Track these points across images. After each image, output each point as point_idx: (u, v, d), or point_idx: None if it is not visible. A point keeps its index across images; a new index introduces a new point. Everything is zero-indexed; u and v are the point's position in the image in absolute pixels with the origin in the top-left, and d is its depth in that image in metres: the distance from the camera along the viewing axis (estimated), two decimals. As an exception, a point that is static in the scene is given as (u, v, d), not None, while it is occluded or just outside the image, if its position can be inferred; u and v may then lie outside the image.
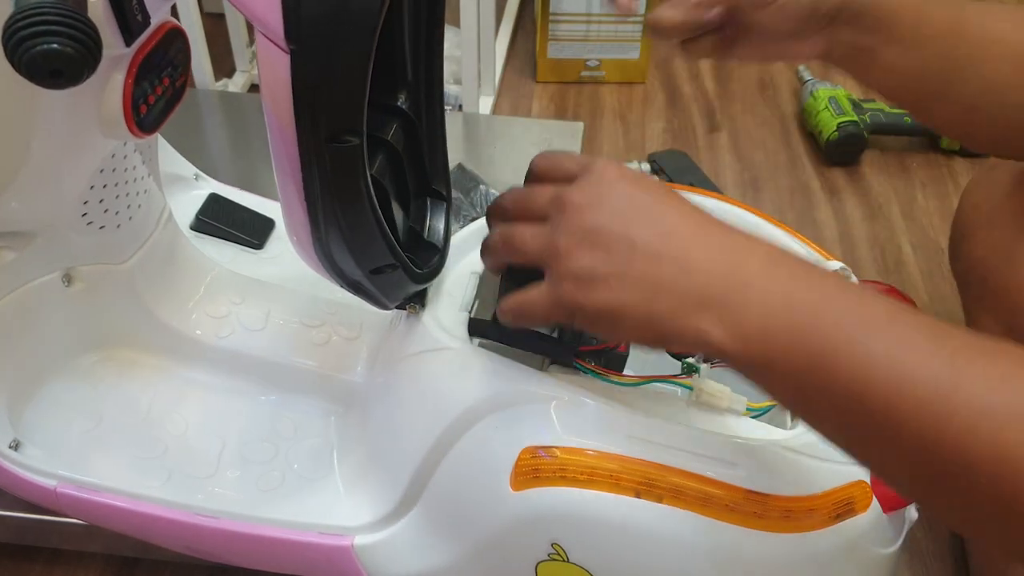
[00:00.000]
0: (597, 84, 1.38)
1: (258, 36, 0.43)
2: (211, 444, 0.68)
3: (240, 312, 0.73)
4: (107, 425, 0.68)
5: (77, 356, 0.71)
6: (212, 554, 0.66)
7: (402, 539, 0.59)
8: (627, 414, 0.51)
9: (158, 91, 0.56)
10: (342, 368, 0.70)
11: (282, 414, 0.70)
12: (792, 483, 0.50)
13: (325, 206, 0.47)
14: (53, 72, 0.39)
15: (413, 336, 0.59)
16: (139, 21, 0.49)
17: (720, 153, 1.25)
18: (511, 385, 0.53)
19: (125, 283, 0.68)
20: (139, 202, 0.67)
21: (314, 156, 0.45)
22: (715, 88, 1.38)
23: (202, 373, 0.72)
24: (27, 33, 0.38)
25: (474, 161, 1.08)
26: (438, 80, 0.58)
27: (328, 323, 0.72)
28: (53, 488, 0.63)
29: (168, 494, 0.63)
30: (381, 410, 0.63)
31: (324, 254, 0.51)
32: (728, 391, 0.53)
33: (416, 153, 0.60)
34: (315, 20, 0.41)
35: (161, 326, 0.71)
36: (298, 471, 0.66)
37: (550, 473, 0.50)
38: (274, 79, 0.43)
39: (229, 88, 1.28)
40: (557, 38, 1.33)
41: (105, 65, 0.45)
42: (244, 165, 1.09)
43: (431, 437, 0.55)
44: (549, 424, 0.51)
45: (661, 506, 0.49)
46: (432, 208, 0.62)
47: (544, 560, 0.53)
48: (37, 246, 0.63)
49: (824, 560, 0.50)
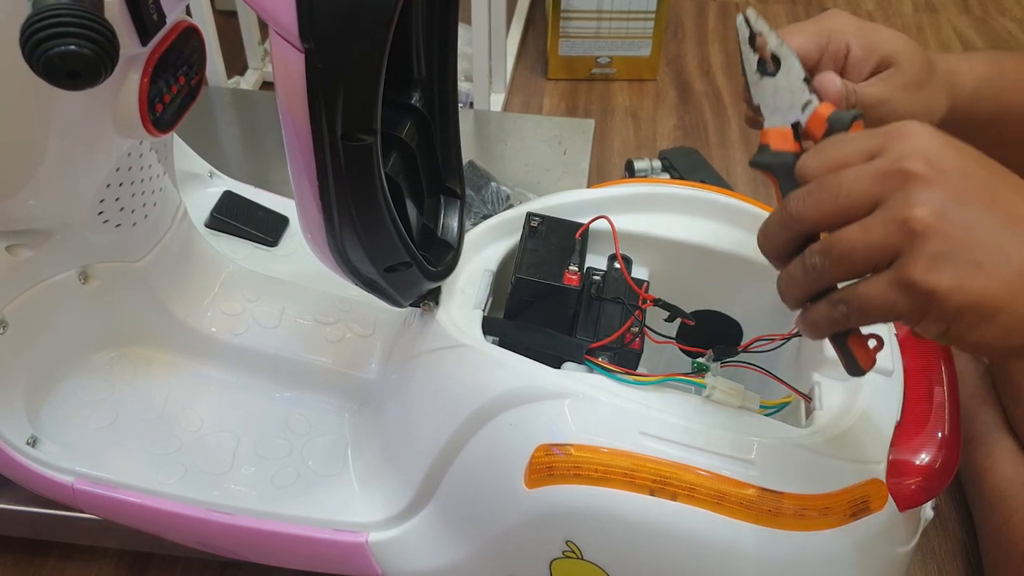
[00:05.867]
0: (608, 81, 1.38)
1: (272, 35, 0.43)
2: (226, 441, 0.68)
3: (255, 309, 0.73)
4: (123, 422, 0.68)
5: (93, 353, 0.72)
6: (226, 550, 0.67)
7: (416, 535, 0.59)
8: (641, 412, 0.51)
9: (174, 90, 0.56)
10: (356, 365, 0.70)
11: (296, 411, 0.70)
12: (807, 481, 0.49)
13: (340, 204, 0.48)
14: (70, 73, 0.40)
15: (427, 333, 0.59)
16: (155, 21, 0.50)
17: (731, 150, 1.25)
18: (525, 383, 0.53)
19: (141, 281, 0.69)
20: (155, 200, 0.67)
21: (329, 154, 0.45)
22: (727, 85, 1.37)
23: (217, 370, 0.72)
24: (45, 35, 0.38)
25: (485, 158, 1.08)
26: (452, 78, 0.58)
27: (342, 320, 0.72)
28: (70, 484, 0.64)
29: (183, 490, 0.64)
30: (395, 407, 0.63)
31: (338, 252, 0.51)
32: (742, 389, 0.53)
33: (430, 151, 0.60)
34: (329, 19, 0.41)
35: (176, 323, 0.71)
36: (312, 467, 0.66)
37: (564, 471, 0.50)
38: (289, 78, 0.43)
39: (241, 86, 1.28)
40: (568, 35, 1.33)
41: (121, 64, 0.46)
42: (256, 163, 1.09)
43: (445, 434, 0.55)
44: (563, 422, 0.51)
45: (675, 504, 0.49)
46: (446, 206, 0.62)
47: (558, 558, 0.53)
48: (53, 244, 0.63)
49: (839, 559, 0.50)
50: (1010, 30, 1.51)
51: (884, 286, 0.37)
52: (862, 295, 0.38)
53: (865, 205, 0.38)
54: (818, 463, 0.50)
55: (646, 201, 0.64)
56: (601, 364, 0.54)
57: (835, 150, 0.40)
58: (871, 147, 0.39)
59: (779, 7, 1.53)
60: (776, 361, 0.60)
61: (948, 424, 0.55)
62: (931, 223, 0.36)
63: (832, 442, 0.51)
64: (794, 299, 0.42)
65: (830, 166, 0.39)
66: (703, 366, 0.54)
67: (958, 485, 0.83)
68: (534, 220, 0.62)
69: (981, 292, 0.35)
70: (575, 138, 1.13)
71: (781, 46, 0.48)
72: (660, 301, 0.58)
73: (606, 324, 0.58)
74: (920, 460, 0.53)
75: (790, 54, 0.48)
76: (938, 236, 0.36)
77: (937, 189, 0.36)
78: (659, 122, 1.30)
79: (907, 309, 0.37)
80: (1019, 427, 0.78)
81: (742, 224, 0.63)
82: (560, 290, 0.58)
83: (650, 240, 0.63)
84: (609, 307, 0.59)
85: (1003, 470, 0.77)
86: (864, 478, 0.50)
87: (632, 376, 0.53)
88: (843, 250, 0.38)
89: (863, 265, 0.38)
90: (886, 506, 0.50)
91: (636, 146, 1.26)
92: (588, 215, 0.62)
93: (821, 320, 0.41)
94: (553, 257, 0.59)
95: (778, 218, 0.41)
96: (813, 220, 0.39)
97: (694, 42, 1.47)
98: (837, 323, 0.40)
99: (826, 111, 0.45)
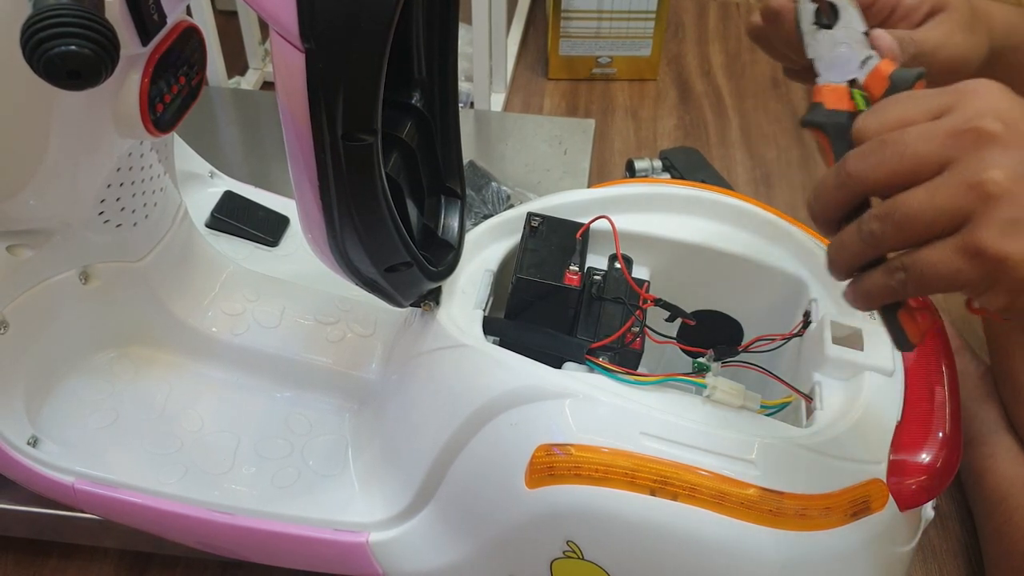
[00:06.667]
0: (609, 81, 1.38)
1: (273, 35, 0.43)
2: (226, 440, 0.68)
3: (255, 309, 0.73)
4: (124, 422, 0.68)
5: (94, 353, 0.72)
6: (227, 550, 0.67)
7: (417, 535, 0.59)
8: (642, 412, 0.51)
9: (174, 90, 0.56)
10: (357, 365, 0.70)
11: (297, 411, 0.70)
12: (808, 481, 0.49)
13: (340, 204, 0.48)
14: (71, 73, 0.40)
15: (428, 333, 0.59)
16: (155, 21, 0.50)
17: (732, 150, 1.25)
18: (525, 382, 0.53)
19: (141, 281, 0.69)
20: (155, 200, 0.67)
21: (329, 154, 0.45)
22: (727, 84, 1.37)
23: (218, 370, 0.72)
24: (45, 35, 0.38)
25: (486, 158, 1.08)
26: (452, 78, 0.58)
27: (343, 320, 0.72)
28: (71, 484, 0.64)
29: (184, 490, 0.64)
30: (396, 407, 0.63)
31: (339, 252, 0.51)
32: (742, 388, 0.53)
33: (430, 151, 0.60)
34: (330, 19, 0.41)
35: (177, 323, 0.71)
36: (313, 467, 0.66)
37: (565, 471, 0.50)
38: (289, 78, 0.43)
39: (242, 86, 1.28)
40: (569, 35, 1.33)
41: (122, 65, 0.46)
42: (257, 163, 1.09)
43: (445, 434, 0.55)
44: (564, 422, 0.51)
45: (676, 504, 0.49)
46: (447, 206, 0.62)
47: (559, 558, 0.53)
48: (54, 244, 0.63)
49: (840, 559, 0.50)
50: None
51: (950, 252, 0.35)
52: (925, 262, 0.36)
53: (933, 166, 0.35)
54: (819, 463, 0.50)
55: (647, 201, 0.64)
56: (602, 364, 0.54)
57: (900, 108, 0.38)
58: (940, 105, 0.36)
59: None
60: (777, 361, 0.60)
61: (949, 424, 0.55)
62: (1007, 186, 0.34)
63: (833, 442, 0.51)
64: (846, 268, 0.39)
65: (894, 124, 0.37)
66: (704, 366, 0.54)
67: (959, 485, 0.83)
68: (535, 220, 0.62)
69: None
70: (576, 138, 1.13)
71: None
72: (661, 301, 0.59)
73: (607, 324, 0.58)
74: (921, 460, 0.53)
75: (849, 4, 0.45)
76: (1013, 200, 0.34)
77: (1014, 150, 0.34)
78: (660, 122, 1.30)
79: (974, 278, 0.35)
80: (1020, 427, 0.78)
81: (743, 224, 0.63)
82: (561, 290, 0.58)
83: (651, 240, 0.63)
84: (610, 307, 0.59)
85: (1004, 470, 0.77)
86: (865, 478, 0.50)
87: (633, 376, 0.53)
88: (907, 214, 0.35)
89: (927, 231, 0.35)
90: (887, 506, 0.50)
91: (637, 146, 1.26)
92: (589, 215, 0.62)
93: (875, 289, 0.38)
94: (554, 257, 0.59)
95: (833, 179, 0.38)
96: (874, 180, 0.37)
97: (695, 42, 1.47)
98: (894, 293, 0.38)
99: (888, 68, 0.42)
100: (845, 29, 0.44)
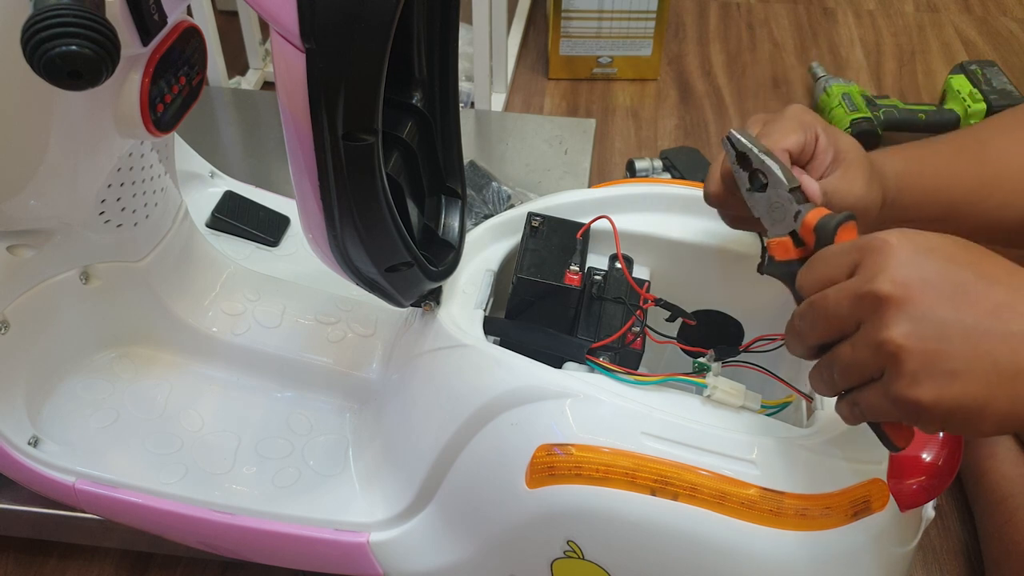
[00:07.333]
0: (609, 81, 1.38)
1: (273, 35, 0.43)
2: (227, 440, 0.68)
3: (256, 309, 0.73)
4: (124, 421, 0.69)
5: (94, 353, 0.72)
6: (228, 550, 0.67)
7: (417, 535, 0.59)
8: (642, 412, 0.51)
9: (175, 90, 0.56)
10: (357, 365, 0.70)
11: (297, 411, 0.70)
12: (808, 481, 0.49)
13: (341, 204, 0.48)
14: (71, 74, 0.40)
15: (428, 333, 0.59)
16: (156, 21, 0.50)
17: (733, 149, 1.24)
18: (526, 382, 0.53)
19: (142, 280, 0.69)
20: (156, 200, 0.67)
21: (330, 154, 0.45)
22: (728, 84, 1.37)
23: (218, 370, 0.72)
24: (46, 35, 0.38)
25: (486, 158, 1.08)
26: (453, 78, 0.58)
27: (343, 320, 0.72)
28: (72, 484, 0.64)
29: (184, 490, 0.64)
30: (396, 407, 0.63)
31: (339, 252, 0.51)
32: (743, 388, 0.53)
33: (431, 151, 0.60)
34: (330, 19, 0.41)
35: (178, 323, 0.71)
36: (314, 467, 0.66)
37: (565, 471, 0.50)
38: (290, 78, 0.43)
39: (242, 86, 1.28)
40: (569, 35, 1.33)
41: (122, 65, 0.46)
42: (257, 163, 1.09)
43: (446, 434, 0.55)
44: (564, 422, 0.51)
45: (676, 504, 0.49)
46: (447, 206, 0.62)
47: (559, 557, 0.53)
48: (55, 244, 0.63)
49: (840, 559, 0.50)
50: (1011, 30, 1.51)
51: (879, 397, 0.40)
52: (866, 402, 0.41)
53: (851, 323, 0.41)
54: (819, 463, 0.50)
55: (647, 201, 0.64)
56: (602, 364, 0.54)
57: (822, 266, 0.43)
58: (850, 263, 0.42)
59: (780, 7, 1.53)
60: (777, 361, 0.60)
61: (949, 424, 0.54)
62: (903, 344, 0.38)
63: (833, 442, 0.51)
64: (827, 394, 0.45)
65: (821, 283, 0.43)
66: (704, 366, 0.54)
67: (959, 485, 0.83)
68: (535, 220, 0.62)
69: (960, 398, 0.38)
70: (576, 138, 1.13)
71: (763, 162, 0.50)
72: (661, 301, 0.58)
73: (607, 324, 0.58)
74: (922, 460, 0.52)
75: (773, 167, 0.50)
76: (912, 354, 0.38)
77: (906, 308, 0.38)
78: (660, 122, 1.30)
79: (902, 416, 0.40)
80: (1020, 427, 0.78)
81: (743, 224, 0.63)
82: (561, 290, 0.58)
83: (651, 240, 0.63)
84: (610, 307, 0.59)
85: (1004, 470, 0.77)
86: (865, 478, 0.50)
87: (633, 376, 0.53)
88: (841, 366, 0.41)
89: (861, 377, 0.41)
90: (887, 506, 0.50)
91: (637, 146, 1.26)
92: (589, 215, 0.62)
93: (845, 416, 0.44)
94: (554, 257, 0.59)
95: (792, 332, 0.45)
96: (816, 337, 0.43)
97: (695, 42, 1.47)
98: (858, 419, 0.43)
99: (814, 219, 0.47)
100: (775, 189, 0.50)
